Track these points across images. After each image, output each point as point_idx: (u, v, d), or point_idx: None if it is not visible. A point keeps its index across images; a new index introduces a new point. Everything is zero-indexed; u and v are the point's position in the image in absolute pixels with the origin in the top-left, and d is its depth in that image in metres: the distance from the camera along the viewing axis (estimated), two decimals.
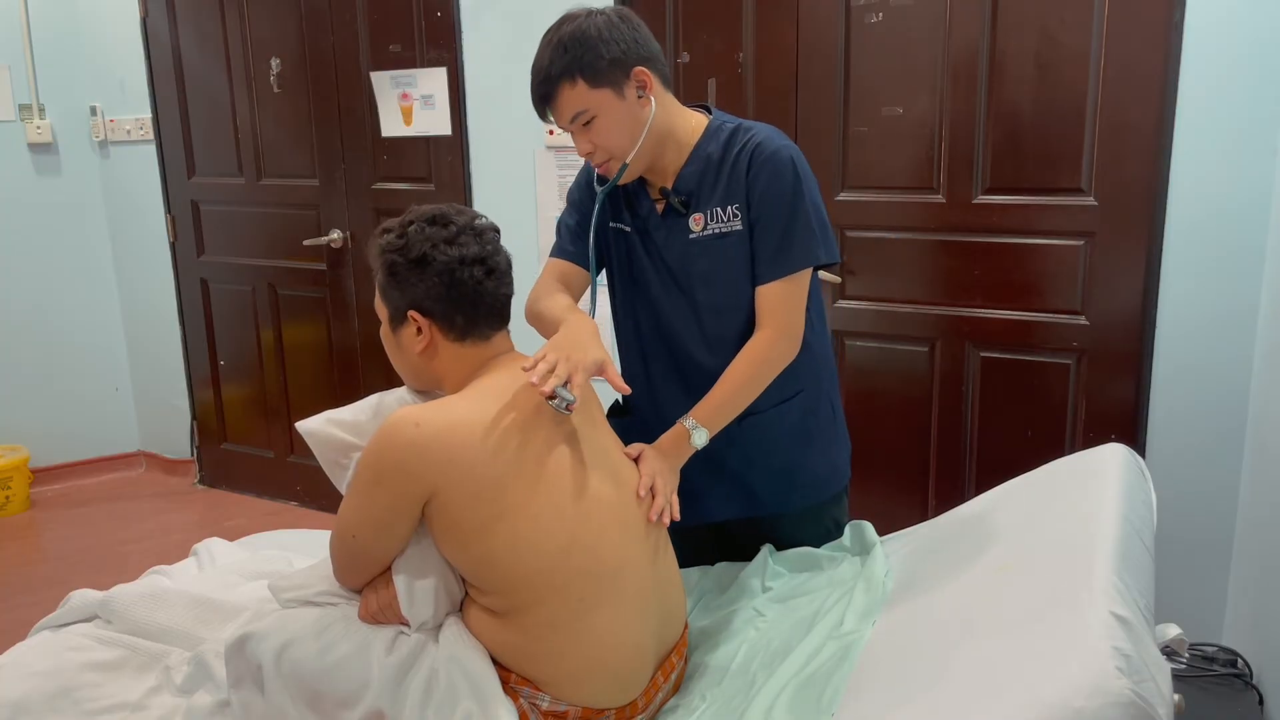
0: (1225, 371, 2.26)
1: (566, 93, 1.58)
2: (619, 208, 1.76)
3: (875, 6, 2.52)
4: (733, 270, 1.67)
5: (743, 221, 1.65)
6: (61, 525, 3.70)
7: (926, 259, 2.58)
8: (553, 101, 1.60)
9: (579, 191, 1.81)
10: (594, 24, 1.58)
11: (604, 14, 1.60)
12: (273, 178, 3.64)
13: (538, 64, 1.61)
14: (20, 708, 1.51)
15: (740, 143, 1.66)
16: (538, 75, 1.61)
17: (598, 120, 1.60)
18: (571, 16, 1.61)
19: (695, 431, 1.59)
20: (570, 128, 1.63)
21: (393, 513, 1.37)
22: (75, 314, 4.04)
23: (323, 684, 1.38)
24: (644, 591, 1.44)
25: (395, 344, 1.51)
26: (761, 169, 1.63)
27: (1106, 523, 1.42)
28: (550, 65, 1.58)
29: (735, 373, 1.64)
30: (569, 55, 1.57)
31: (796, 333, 1.67)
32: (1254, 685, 1.94)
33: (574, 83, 1.58)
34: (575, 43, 1.57)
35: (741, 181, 1.64)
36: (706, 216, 1.67)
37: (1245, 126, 2.17)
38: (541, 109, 1.63)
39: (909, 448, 2.68)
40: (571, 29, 1.58)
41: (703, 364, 1.71)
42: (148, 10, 3.72)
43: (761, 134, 1.66)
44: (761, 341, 1.65)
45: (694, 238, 1.69)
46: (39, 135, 3.85)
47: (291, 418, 3.73)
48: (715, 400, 1.63)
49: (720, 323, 1.69)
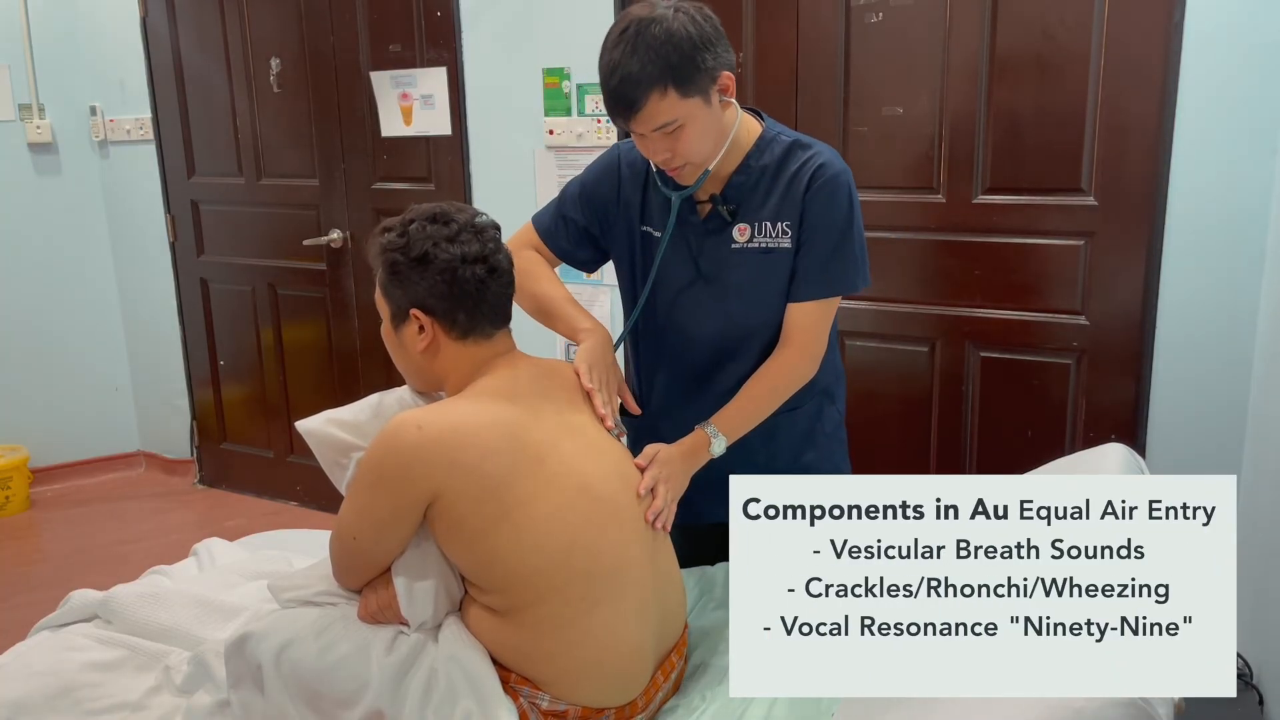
0: (1225, 371, 2.25)
1: (656, 103, 1.46)
2: (648, 209, 1.71)
3: (875, 6, 2.52)
4: (771, 285, 1.65)
5: (792, 240, 1.62)
6: (61, 525, 3.70)
7: (926, 259, 2.58)
8: (638, 110, 1.48)
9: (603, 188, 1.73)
10: (684, 26, 1.45)
11: (687, 11, 1.48)
12: (273, 178, 3.64)
13: (619, 66, 1.46)
14: (20, 707, 1.51)
15: (800, 160, 1.61)
16: (622, 81, 1.46)
17: (685, 128, 1.50)
18: (653, 14, 1.46)
19: (716, 440, 1.60)
20: (650, 134, 1.52)
21: (394, 516, 1.37)
22: (75, 314, 4.03)
23: (322, 684, 1.38)
24: (644, 591, 1.44)
25: (397, 343, 1.51)
26: (820, 190, 1.59)
27: None
28: (640, 71, 1.44)
29: (758, 387, 1.64)
30: (661, 62, 1.44)
31: (819, 354, 1.68)
32: (1254, 685, 1.94)
33: (665, 92, 1.46)
34: (669, 48, 1.44)
35: (798, 200, 1.60)
36: (753, 229, 1.64)
37: (1246, 126, 2.17)
38: (623, 116, 1.49)
39: (909, 448, 2.68)
40: (662, 31, 1.44)
41: (708, 370, 1.71)
42: (148, 10, 3.72)
43: (824, 155, 1.62)
44: (785, 360, 1.65)
45: (736, 248, 1.65)
46: (39, 135, 3.85)
47: (291, 418, 3.72)
48: (736, 411, 1.63)
49: (745, 334, 1.68)
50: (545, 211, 1.82)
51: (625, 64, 1.45)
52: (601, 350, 1.63)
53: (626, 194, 1.71)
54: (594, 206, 1.75)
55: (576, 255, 1.80)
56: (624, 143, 1.75)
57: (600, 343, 1.64)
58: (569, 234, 1.78)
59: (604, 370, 1.60)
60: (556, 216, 1.79)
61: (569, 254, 1.80)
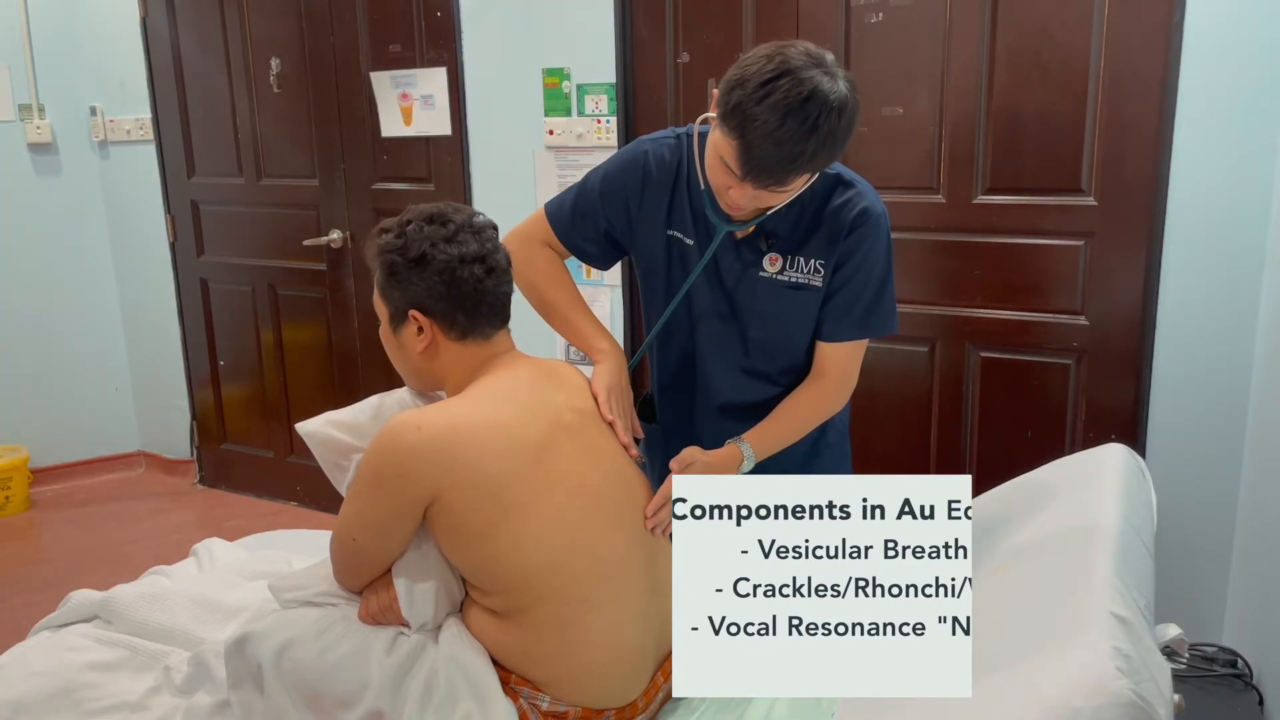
0: (1225, 371, 2.25)
1: (797, 181, 1.44)
2: (676, 212, 1.65)
3: (875, 6, 2.52)
4: (794, 318, 1.64)
5: (823, 280, 1.60)
6: (61, 525, 3.70)
7: (926, 259, 2.58)
8: (779, 187, 1.43)
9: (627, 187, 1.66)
10: (851, 112, 1.39)
11: (853, 95, 1.40)
12: (273, 178, 3.64)
13: (784, 140, 1.35)
14: (20, 708, 1.51)
15: (842, 198, 1.58)
16: (780, 160, 1.37)
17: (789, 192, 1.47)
18: (834, 92, 1.37)
19: (748, 458, 1.60)
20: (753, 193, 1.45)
21: (394, 516, 1.37)
22: (75, 314, 4.03)
23: (322, 684, 1.38)
24: (644, 592, 1.44)
25: (396, 344, 1.51)
26: (865, 237, 1.57)
27: (1106, 523, 1.42)
28: (806, 159, 1.38)
29: (794, 413, 1.65)
30: (829, 155, 1.41)
31: (852, 388, 1.69)
32: (1254, 685, 1.94)
33: (811, 175, 1.46)
34: (838, 140, 1.39)
35: (838, 242, 1.58)
36: (785, 262, 1.61)
37: (1245, 126, 2.17)
38: (754, 182, 1.41)
39: (909, 448, 2.68)
40: (843, 124, 1.38)
41: (721, 390, 1.71)
42: (148, 10, 3.72)
43: (867, 196, 1.59)
44: (821, 392, 1.66)
45: (764, 277, 1.62)
46: (39, 135, 3.85)
47: (291, 418, 3.72)
48: (770, 432, 1.63)
49: (763, 360, 1.68)
50: (560, 204, 1.73)
51: (792, 143, 1.36)
52: (618, 375, 1.61)
53: (652, 194, 1.66)
54: (616, 205, 1.69)
55: (588, 251, 1.75)
56: (647, 140, 1.69)
57: (617, 368, 1.62)
58: (584, 230, 1.72)
59: (620, 396, 1.59)
60: (574, 211, 1.72)
61: (582, 250, 1.75)
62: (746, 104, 1.35)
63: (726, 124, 1.39)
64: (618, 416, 1.55)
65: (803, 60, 1.37)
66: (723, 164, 1.43)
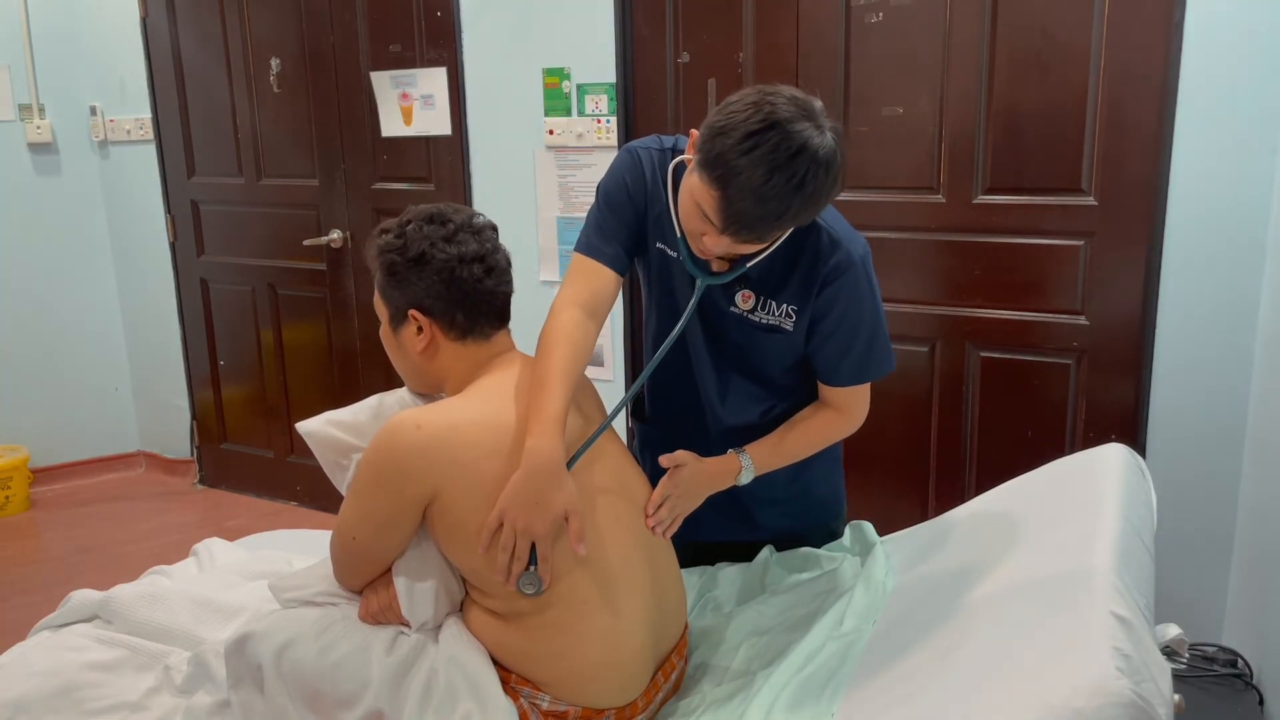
0: (1225, 371, 2.25)
1: (775, 234, 1.42)
2: (668, 233, 1.58)
3: (875, 6, 2.52)
4: (769, 358, 1.62)
5: (795, 325, 1.56)
6: (61, 525, 3.70)
7: (927, 259, 2.58)
8: (757, 242, 1.39)
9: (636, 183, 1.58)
10: (838, 168, 1.34)
11: (840, 147, 1.34)
12: (273, 178, 3.64)
13: (768, 196, 1.29)
14: (20, 708, 1.51)
15: (819, 243, 1.51)
16: (762, 218, 1.32)
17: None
18: (822, 148, 1.31)
19: (746, 470, 1.59)
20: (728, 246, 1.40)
21: (393, 516, 1.37)
22: (75, 314, 4.03)
23: (322, 684, 1.38)
24: (644, 592, 1.44)
25: (396, 344, 1.51)
26: (842, 289, 1.52)
27: (1106, 523, 1.42)
28: (789, 217, 1.34)
29: (803, 435, 1.63)
30: (809, 211, 1.36)
31: (862, 418, 1.67)
32: (1254, 685, 1.94)
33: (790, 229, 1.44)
34: (823, 197, 1.34)
35: (812, 288, 1.52)
36: (757, 301, 1.57)
37: (1245, 126, 2.17)
38: (732, 235, 1.35)
39: (909, 448, 2.68)
40: (828, 179, 1.33)
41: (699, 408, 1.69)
42: (148, 10, 3.72)
43: (842, 243, 1.51)
44: (830, 420, 1.65)
45: (735, 313, 1.58)
46: (39, 135, 3.85)
47: (291, 418, 3.73)
48: (772, 448, 1.62)
49: (735, 379, 1.66)
50: (584, 235, 1.61)
51: (776, 200, 1.30)
52: (531, 488, 1.33)
53: (651, 197, 1.60)
54: (635, 202, 1.60)
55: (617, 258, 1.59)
56: (637, 145, 1.62)
57: (534, 472, 1.33)
58: (621, 237, 1.59)
59: (525, 516, 1.32)
60: (599, 230, 1.60)
61: (620, 261, 1.59)
62: (730, 155, 1.29)
63: (707, 173, 1.32)
64: (521, 540, 1.32)
65: (790, 111, 1.30)
66: (699, 211, 1.36)
